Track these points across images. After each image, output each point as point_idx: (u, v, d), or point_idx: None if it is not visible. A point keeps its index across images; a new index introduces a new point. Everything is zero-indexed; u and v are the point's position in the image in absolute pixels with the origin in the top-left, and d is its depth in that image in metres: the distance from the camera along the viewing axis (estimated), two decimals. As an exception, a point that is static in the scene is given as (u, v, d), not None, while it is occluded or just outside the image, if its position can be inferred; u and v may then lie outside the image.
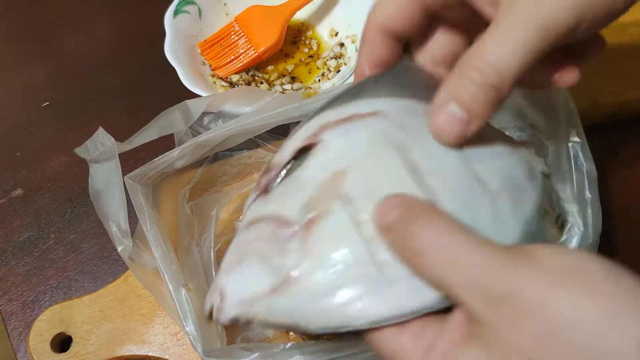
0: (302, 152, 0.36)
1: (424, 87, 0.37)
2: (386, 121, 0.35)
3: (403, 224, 0.27)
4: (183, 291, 0.41)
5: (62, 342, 0.47)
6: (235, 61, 0.58)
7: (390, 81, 0.37)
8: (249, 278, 0.33)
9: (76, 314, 0.47)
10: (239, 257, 0.34)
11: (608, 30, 0.59)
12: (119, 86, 0.60)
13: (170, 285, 0.41)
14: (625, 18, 0.59)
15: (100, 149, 0.44)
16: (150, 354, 0.46)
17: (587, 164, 0.44)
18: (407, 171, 0.32)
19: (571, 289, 0.23)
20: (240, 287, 0.33)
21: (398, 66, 0.38)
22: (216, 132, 0.46)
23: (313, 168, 0.35)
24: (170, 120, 0.46)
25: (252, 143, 0.51)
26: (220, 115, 0.49)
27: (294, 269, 0.32)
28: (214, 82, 0.58)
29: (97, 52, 0.63)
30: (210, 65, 0.58)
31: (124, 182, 0.43)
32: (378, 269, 0.30)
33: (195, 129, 0.48)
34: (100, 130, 0.44)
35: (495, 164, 0.35)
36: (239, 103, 0.48)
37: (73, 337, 0.46)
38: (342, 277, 0.31)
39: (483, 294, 0.24)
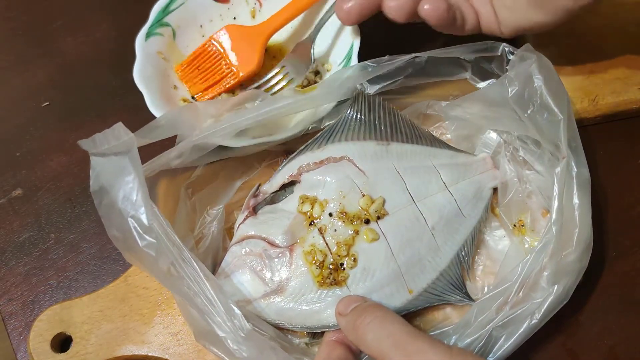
0: (286, 186, 0.49)
1: (385, 126, 0.49)
2: (352, 166, 0.48)
3: (357, 313, 0.41)
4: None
5: (62, 342, 0.47)
6: (215, 86, 0.56)
7: (356, 122, 0.49)
8: (243, 285, 0.46)
9: (76, 314, 0.47)
10: (234, 265, 0.46)
11: (608, 30, 0.59)
12: (119, 86, 0.60)
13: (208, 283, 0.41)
14: (625, 18, 0.60)
15: (112, 143, 0.43)
16: (150, 354, 0.46)
17: (578, 168, 0.44)
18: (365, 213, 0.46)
19: None
20: (237, 289, 0.46)
21: (361, 99, 0.49)
22: (214, 130, 0.46)
23: (294, 203, 0.47)
24: (182, 120, 0.46)
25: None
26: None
27: (281, 282, 0.45)
28: None
29: (97, 52, 0.63)
30: (188, 90, 0.56)
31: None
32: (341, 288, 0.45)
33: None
34: (119, 124, 0.43)
35: (435, 200, 0.48)
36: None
37: (73, 337, 0.46)
38: (317, 291, 0.45)
39: (402, 351, 0.37)
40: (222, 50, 0.56)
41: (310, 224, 0.46)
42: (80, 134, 0.45)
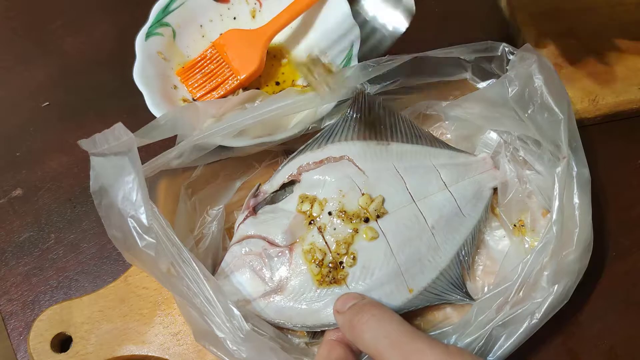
0: (286, 186, 0.49)
1: (385, 126, 0.50)
2: (352, 166, 0.48)
3: (354, 311, 0.40)
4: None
5: (62, 342, 0.47)
6: (217, 89, 0.56)
7: (356, 122, 0.49)
8: (243, 284, 0.46)
9: (76, 314, 0.47)
10: (234, 265, 0.46)
11: (608, 29, 0.59)
12: (119, 86, 0.60)
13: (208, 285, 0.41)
14: (625, 18, 0.60)
15: (112, 143, 0.43)
16: (150, 354, 0.46)
17: (578, 168, 0.44)
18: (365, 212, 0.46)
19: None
20: (237, 289, 0.46)
21: (361, 99, 0.49)
22: (215, 130, 0.46)
23: (294, 203, 0.47)
24: (182, 120, 0.46)
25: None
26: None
27: (281, 281, 0.45)
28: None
29: (97, 52, 0.63)
30: (190, 95, 0.56)
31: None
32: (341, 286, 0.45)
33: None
34: (119, 124, 0.43)
35: (435, 200, 0.48)
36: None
37: (73, 337, 0.46)
38: (316, 289, 0.45)
39: (400, 351, 0.37)
40: (224, 54, 0.56)
41: (310, 223, 0.46)
42: (80, 134, 0.45)
